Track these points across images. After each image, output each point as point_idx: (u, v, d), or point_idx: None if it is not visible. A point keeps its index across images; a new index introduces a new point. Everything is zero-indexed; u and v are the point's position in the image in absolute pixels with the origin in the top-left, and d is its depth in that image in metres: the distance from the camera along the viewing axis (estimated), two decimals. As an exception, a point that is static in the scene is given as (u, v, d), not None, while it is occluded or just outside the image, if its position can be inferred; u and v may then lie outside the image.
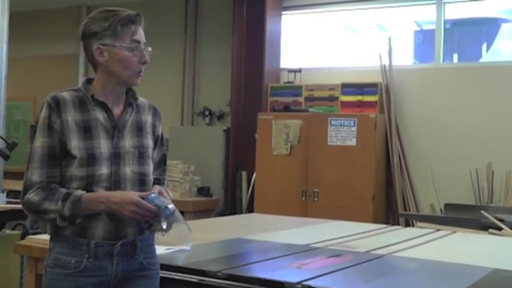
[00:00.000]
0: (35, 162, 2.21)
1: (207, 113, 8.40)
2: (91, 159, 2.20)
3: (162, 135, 2.50)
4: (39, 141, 2.22)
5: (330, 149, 6.68)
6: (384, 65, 7.19)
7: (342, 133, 6.64)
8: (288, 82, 7.67)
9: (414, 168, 7.01)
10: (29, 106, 9.75)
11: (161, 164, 2.51)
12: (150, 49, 2.33)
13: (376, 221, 6.22)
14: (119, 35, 2.25)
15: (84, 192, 2.17)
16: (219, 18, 8.43)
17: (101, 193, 2.18)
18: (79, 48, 9.20)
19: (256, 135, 7.12)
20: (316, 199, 6.71)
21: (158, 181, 2.48)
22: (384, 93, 7.08)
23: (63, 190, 2.18)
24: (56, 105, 2.23)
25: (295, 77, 7.66)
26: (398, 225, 6.40)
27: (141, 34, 2.28)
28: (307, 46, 7.98)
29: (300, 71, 7.62)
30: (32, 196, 2.19)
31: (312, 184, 6.75)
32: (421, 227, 4.93)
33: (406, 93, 7.14)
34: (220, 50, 8.36)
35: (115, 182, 2.23)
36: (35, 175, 2.20)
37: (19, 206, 4.78)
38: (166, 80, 8.69)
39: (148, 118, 2.41)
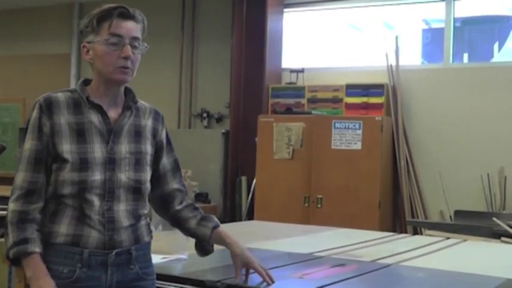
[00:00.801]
0: (22, 164, 2.23)
1: (205, 115, 8.41)
2: (83, 163, 2.20)
3: (168, 139, 2.50)
4: (29, 144, 2.24)
5: (334, 153, 6.68)
6: (391, 65, 7.19)
7: (347, 136, 6.65)
8: (290, 83, 7.68)
9: (422, 173, 7.01)
10: (18, 108, 9.75)
11: (175, 170, 2.50)
12: (145, 45, 2.33)
13: (382, 228, 6.22)
14: (97, 30, 2.26)
15: (36, 250, 2.16)
16: (218, 15, 8.44)
17: (36, 266, 2.15)
18: (71, 48, 9.23)
19: (256, 139, 7.13)
20: (319, 206, 6.71)
21: (179, 192, 2.49)
22: (391, 95, 7.08)
23: (28, 230, 2.17)
24: (48, 107, 2.24)
25: (297, 78, 7.66)
26: (406, 233, 6.40)
27: (123, 27, 2.25)
28: (310, 45, 8.00)
29: (302, 71, 7.63)
30: (12, 206, 2.21)
31: (315, 190, 6.75)
32: (430, 235, 4.93)
33: (414, 94, 7.14)
34: (219, 49, 8.37)
35: (109, 189, 2.23)
36: (19, 177, 2.23)
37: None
38: (162, 81, 8.70)
39: (148, 122, 2.40)
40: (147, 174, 2.35)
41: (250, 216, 7.26)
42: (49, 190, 2.24)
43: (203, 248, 2.51)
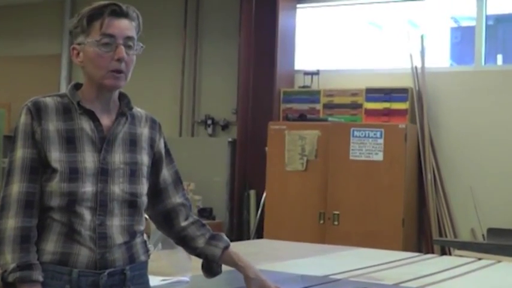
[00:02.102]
0: (15, 175, 2.22)
1: (209, 122, 8.42)
2: (73, 173, 2.20)
3: (167, 150, 2.50)
4: (20, 152, 2.23)
5: (352, 164, 6.67)
6: (416, 67, 7.19)
7: (367, 146, 6.64)
8: (304, 86, 7.68)
9: (451, 187, 6.99)
10: (2, 114, 9.79)
11: (177, 183, 2.50)
12: (141, 45, 2.33)
13: (406, 248, 6.19)
14: (87, 31, 2.26)
15: (40, 279, 2.15)
16: (224, 11, 8.46)
17: None
18: (62, 48, 9.27)
19: (266, 148, 7.12)
20: (336, 223, 6.70)
21: (184, 206, 2.49)
22: (416, 100, 7.07)
23: (31, 253, 2.16)
24: (37, 112, 2.24)
25: (312, 81, 7.67)
26: (433, 253, 6.37)
27: (115, 27, 2.25)
28: (326, 45, 8.00)
29: (317, 73, 7.64)
30: (10, 222, 2.18)
31: (331, 205, 6.74)
32: (460, 256, 4.90)
33: (442, 99, 7.13)
34: (225, 49, 8.39)
35: (101, 202, 2.23)
36: (14, 189, 2.21)
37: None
38: (162, 84, 8.72)
39: (144, 131, 2.40)
40: (144, 187, 2.35)
41: (259, 235, 7.24)
42: (36, 203, 2.24)
43: (211, 269, 2.50)
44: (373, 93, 7.20)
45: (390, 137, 6.59)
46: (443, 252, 6.52)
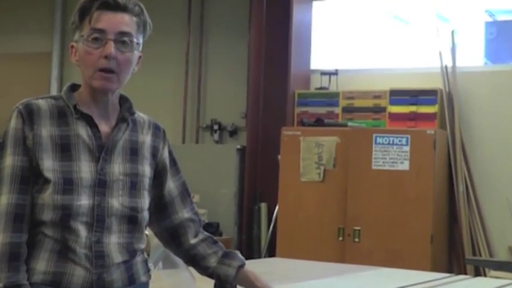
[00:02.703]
0: (3, 185, 2.22)
1: (216, 127, 8.44)
2: (68, 184, 2.21)
3: (173, 159, 2.51)
4: (9, 159, 2.23)
5: (375, 174, 6.66)
6: (446, 66, 7.18)
7: (391, 154, 6.63)
8: (321, 88, 7.68)
9: (486, 200, 6.97)
10: (-13, 118, 9.81)
11: (185, 195, 2.52)
12: (136, 41, 2.31)
13: (435, 268, 6.18)
14: (80, 26, 2.29)
15: None
16: (232, 5, 8.48)
17: None
18: (52, 45, 9.29)
19: (279, 157, 7.13)
20: (356, 239, 6.69)
21: (192, 222, 2.50)
22: (446, 103, 7.07)
23: (21, 272, 2.17)
24: (29, 116, 2.25)
25: (329, 82, 7.67)
26: (465, 274, 6.36)
27: (105, 20, 2.25)
28: (345, 42, 8.00)
29: (336, 73, 7.64)
30: None
31: (351, 220, 6.73)
32: (496, 277, 4.89)
33: (475, 102, 7.12)
34: (233, 47, 8.41)
35: (98, 217, 2.24)
36: (2, 201, 2.21)
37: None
38: (164, 86, 8.74)
39: (147, 139, 2.41)
40: (145, 201, 2.36)
41: (271, 252, 7.24)
42: (26, 217, 2.25)
43: None
44: (398, 96, 7.19)
45: (417, 144, 6.58)
46: (478, 273, 6.50)
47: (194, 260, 2.51)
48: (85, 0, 2.28)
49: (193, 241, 2.49)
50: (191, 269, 2.70)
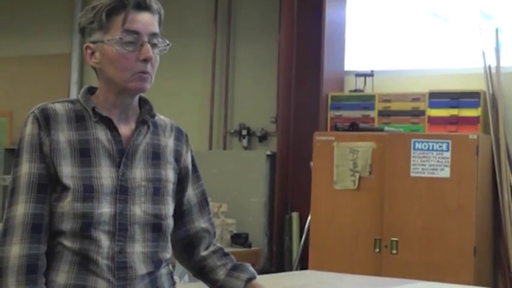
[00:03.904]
0: (20, 194, 2.24)
1: (244, 132, 8.45)
2: (88, 192, 2.22)
3: (195, 165, 2.52)
4: (26, 167, 2.24)
5: (413, 182, 6.64)
6: (489, 67, 7.14)
7: (431, 161, 6.60)
8: (356, 90, 7.67)
9: (532, 210, 6.93)
10: (3, 124, 9.90)
11: (203, 205, 2.53)
12: (166, 43, 2.35)
13: (479, 282, 6.14)
14: (107, 27, 2.29)
15: None
16: (261, 3, 8.49)
17: None
18: (71, 46, 9.36)
19: (311, 163, 7.12)
20: (394, 251, 6.67)
21: (207, 233, 2.51)
22: (489, 106, 7.03)
23: (39, 286, 2.18)
24: (45, 121, 2.26)
25: (365, 84, 7.66)
26: (511, 288, 6.33)
27: (139, 22, 2.28)
28: (381, 41, 7.98)
29: (372, 75, 7.62)
30: (14, 249, 2.19)
31: (388, 231, 6.71)
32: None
33: (521, 105, 7.09)
34: (262, 48, 8.42)
35: (120, 225, 2.25)
36: (18, 210, 2.22)
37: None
38: (189, 89, 8.77)
39: (169, 142, 2.42)
40: (169, 207, 2.37)
41: (303, 265, 7.24)
42: (45, 226, 2.26)
43: None
44: (438, 98, 7.17)
45: (459, 149, 6.55)
46: (524, 287, 6.46)
47: (203, 273, 2.53)
48: (113, 0, 2.29)
49: (204, 253, 2.52)
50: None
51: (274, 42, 8.17)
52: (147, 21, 2.29)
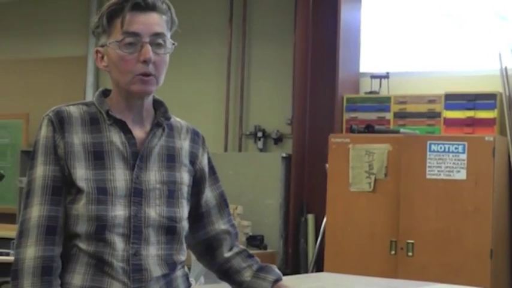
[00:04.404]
0: (35, 197, 2.25)
1: (259, 134, 8.44)
2: (102, 194, 2.23)
3: (212, 167, 2.52)
4: (41, 169, 2.26)
5: (429, 184, 6.62)
6: (505, 68, 7.12)
7: (447, 162, 6.59)
8: (371, 92, 7.66)
9: (549, 212, 6.90)
10: (19, 126, 9.94)
11: (222, 206, 2.53)
12: (172, 42, 2.33)
13: (495, 285, 6.13)
14: (108, 30, 2.30)
15: None
16: (277, 5, 8.49)
17: None
18: (87, 49, 9.38)
19: (327, 165, 7.12)
20: (410, 254, 6.65)
21: (228, 234, 2.51)
22: (506, 107, 7.01)
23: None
24: (60, 123, 2.27)
25: (380, 85, 7.65)
26: (528, 291, 6.30)
27: (139, 22, 2.27)
28: (397, 43, 7.97)
29: (387, 76, 7.61)
30: (28, 251, 2.20)
31: (404, 233, 6.70)
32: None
33: (537, 106, 7.06)
34: (277, 49, 8.41)
35: (135, 228, 2.26)
36: (33, 212, 2.23)
37: (5, 258, 4.87)
38: (204, 90, 8.77)
39: (184, 144, 2.42)
40: (184, 210, 2.37)
41: (319, 267, 7.23)
42: (60, 228, 2.27)
43: None
44: (454, 100, 7.15)
45: (475, 151, 6.53)
46: (541, 289, 6.44)
47: (228, 274, 2.52)
48: (113, 3, 2.30)
49: (227, 254, 2.51)
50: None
51: (289, 43, 8.17)
52: (149, 21, 2.28)
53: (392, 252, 6.72)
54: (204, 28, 8.62)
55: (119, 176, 2.26)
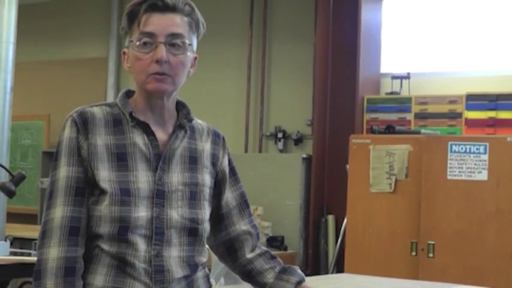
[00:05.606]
0: (58, 197, 2.26)
1: (280, 135, 8.45)
2: (125, 195, 2.24)
3: (233, 168, 2.53)
4: (64, 170, 2.27)
5: (450, 185, 6.60)
6: (527, 68, 7.10)
7: (468, 163, 6.57)
8: (392, 93, 7.65)
9: None
10: (40, 127, 9.99)
11: (243, 207, 2.54)
12: (188, 43, 2.31)
13: (517, 286, 6.11)
14: (130, 32, 2.33)
15: None
16: (297, 6, 8.49)
17: None
18: (108, 50, 9.42)
19: (347, 166, 7.11)
20: (431, 255, 6.64)
21: (250, 235, 2.52)
22: (528, 108, 6.98)
23: None
24: (84, 124, 2.29)
25: (401, 86, 7.63)
26: (551, 293, 6.26)
27: (155, 23, 2.27)
28: (418, 43, 7.95)
29: (408, 77, 7.60)
30: (52, 251, 2.22)
31: (425, 234, 6.68)
32: None
33: (560, 107, 7.03)
34: (298, 50, 8.42)
35: (157, 229, 2.27)
36: (56, 213, 2.24)
37: (27, 259, 4.89)
38: (225, 92, 8.79)
39: (206, 146, 2.43)
40: (205, 212, 2.37)
41: (339, 268, 7.23)
42: (82, 229, 2.29)
43: None
44: (475, 100, 7.13)
45: (497, 152, 6.50)
46: None
47: (250, 276, 2.52)
48: (132, 4, 2.32)
49: (249, 255, 2.51)
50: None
51: (310, 44, 8.17)
52: (166, 22, 2.29)
53: (413, 253, 6.71)
54: (225, 30, 8.63)
55: (142, 178, 2.27)
